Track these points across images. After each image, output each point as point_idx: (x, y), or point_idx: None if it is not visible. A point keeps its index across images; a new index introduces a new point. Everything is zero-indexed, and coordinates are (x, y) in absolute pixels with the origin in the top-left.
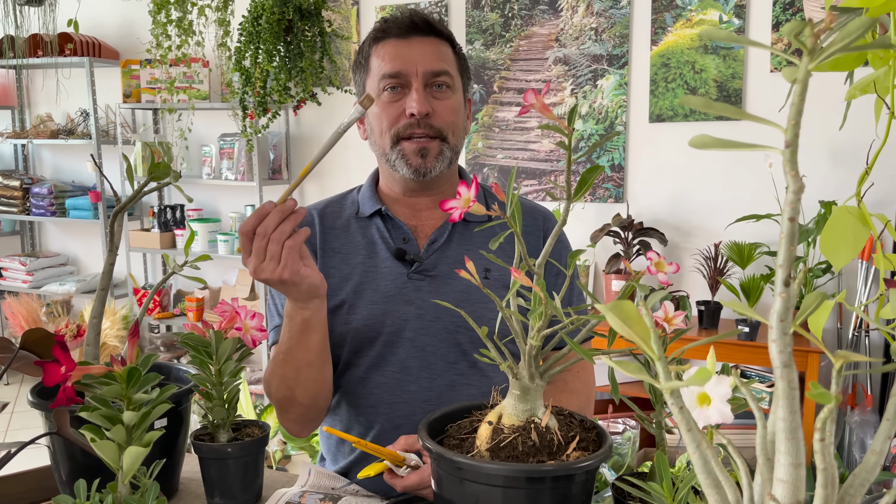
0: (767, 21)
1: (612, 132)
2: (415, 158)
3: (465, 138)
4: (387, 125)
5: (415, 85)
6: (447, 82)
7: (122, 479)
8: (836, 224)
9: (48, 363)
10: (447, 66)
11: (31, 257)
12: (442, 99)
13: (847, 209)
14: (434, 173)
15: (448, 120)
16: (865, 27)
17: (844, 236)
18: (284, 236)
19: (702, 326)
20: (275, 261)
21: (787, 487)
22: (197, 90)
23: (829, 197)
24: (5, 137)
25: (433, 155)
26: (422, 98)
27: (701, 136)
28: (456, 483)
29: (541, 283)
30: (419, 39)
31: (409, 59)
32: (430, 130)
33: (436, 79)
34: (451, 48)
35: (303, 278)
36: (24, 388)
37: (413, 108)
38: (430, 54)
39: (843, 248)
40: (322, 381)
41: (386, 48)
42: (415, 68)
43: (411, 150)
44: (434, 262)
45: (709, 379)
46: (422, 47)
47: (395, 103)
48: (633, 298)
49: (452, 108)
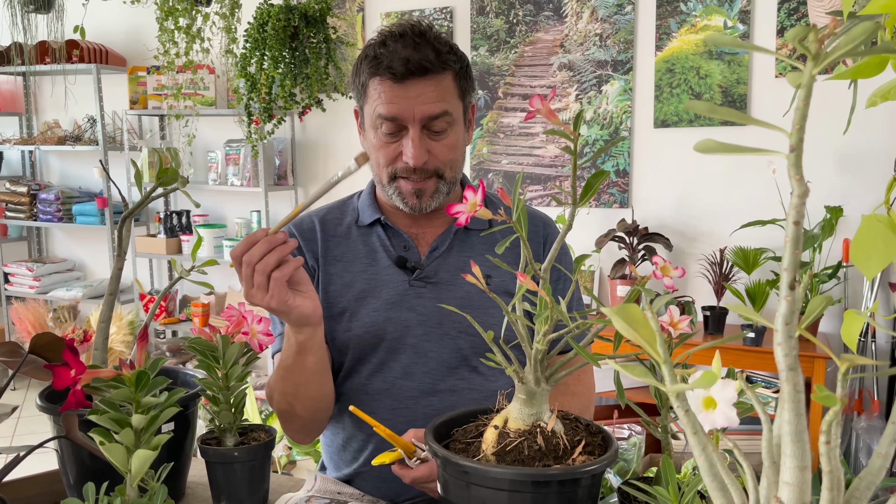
0: (772, 26)
1: (617, 138)
2: (411, 198)
3: (464, 160)
4: (383, 162)
5: (411, 132)
6: (445, 124)
7: (130, 482)
8: (865, 233)
9: (58, 366)
10: (445, 104)
11: (37, 263)
12: (440, 139)
13: (876, 217)
14: (429, 209)
15: (446, 159)
16: (870, 32)
17: (875, 245)
18: (269, 268)
19: (707, 332)
20: (262, 290)
21: (792, 491)
22: (203, 96)
23: (835, 202)
24: (13, 144)
25: (429, 194)
26: (418, 147)
27: (706, 141)
28: (462, 487)
29: (547, 288)
30: (417, 82)
31: (406, 105)
32: (425, 174)
33: (434, 122)
34: (451, 74)
35: (291, 308)
36: (30, 393)
37: (409, 158)
38: (428, 98)
39: (874, 257)
40: (320, 398)
41: (382, 87)
42: (411, 113)
43: (407, 191)
44: (435, 269)
45: (714, 382)
46: (419, 90)
47: (392, 144)
48: (639, 303)
49: (450, 146)
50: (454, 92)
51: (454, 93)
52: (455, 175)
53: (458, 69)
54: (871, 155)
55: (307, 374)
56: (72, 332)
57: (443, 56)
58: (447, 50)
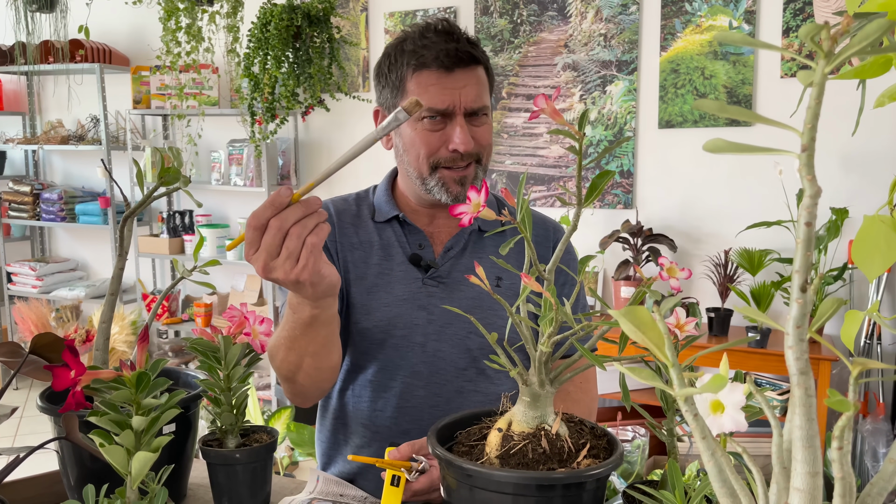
0: (778, 26)
1: (622, 138)
2: (454, 186)
3: None
4: (425, 153)
5: (458, 120)
6: (485, 112)
7: (130, 484)
8: (868, 233)
9: (58, 368)
10: (485, 97)
11: (40, 262)
12: (479, 124)
13: (879, 218)
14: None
15: (486, 143)
16: (884, 30)
17: (877, 246)
18: (307, 231)
19: (712, 333)
20: (292, 259)
21: (803, 497)
22: (206, 96)
23: (840, 204)
24: (16, 143)
25: (470, 180)
26: (466, 135)
27: (715, 140)
28: (465, 490)
29: (551, 290)
30: (462, 72)
31: (454, 95)
32: (470, 159)
33: (475, 113)
34: (482, 67)
35: (322, 278)
36: (32, 392)
37: (459, 145)
38: (473, 89)
39: (876, 258)
40: (327, 369)
41: (429, 79)
42: (458, 103)
43: (451, 179)
44: (448, 269)
45: (724, 386)
46: (465, 80)
47: (436, 133)
48: (644, 303)
49: (488, 131)
50: (487, 85)
51: (487, 85)
52: (488, 160)
53: (486, 63)
54: (877, 156)
55: (316, 346)
56: (74, 332)
57: (477, 49)
58: (477, 44)
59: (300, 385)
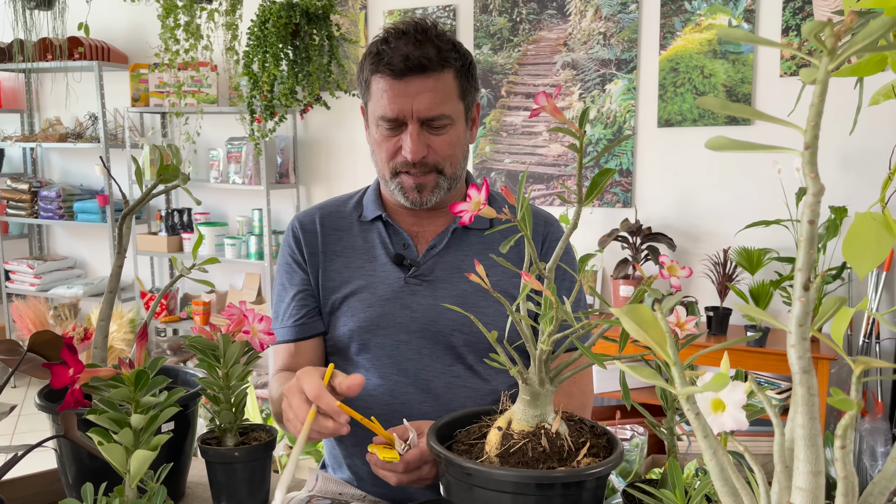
0: (777, 25)
1: (622, 136)
2: (412, 193)
3: (467, 158)
4: (384, 158)
5: (410, 128)
6: (444, 122)
7: (129, 482)
8: (859, 231)
9: (56, 365)
10: (444, 105)
11: (38, 260)
12: (439, 134)
13: (870, 215)
14: (430, 204)
15: (445, 154)
16: (887, 27)
17: (868, 243)
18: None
19: (710, 332)
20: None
21: (805, 496)
22: (205, 94)
23: (839, 202)
24: (14, 141)
25: (429, 189)
26: (416, 142)
27: (718, 138)
28: (465, 489)
29: (552, 288)
30: (415, 80)
31: (405, 103)
32: (424, 168)
33: (432, 120)
34: (452, 72)
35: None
36: (31, 390)
37: (407, 153)
38: (426, 97)
39: (866, 256)
40: None
41: (382, 85)
42: (410, 111)
43: (408, 185)
44: (431, 266)
45: (726, 385)
46: (419, 88)
47: (392, 139)
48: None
49: (450, 143)
50: (454, 91)
51: (454, 92)
52: (455, 171)
53: (459, 67)
54: (876, 154)
55: None
56: (72, 330)
57: (444, 53)
58: (449, 48)
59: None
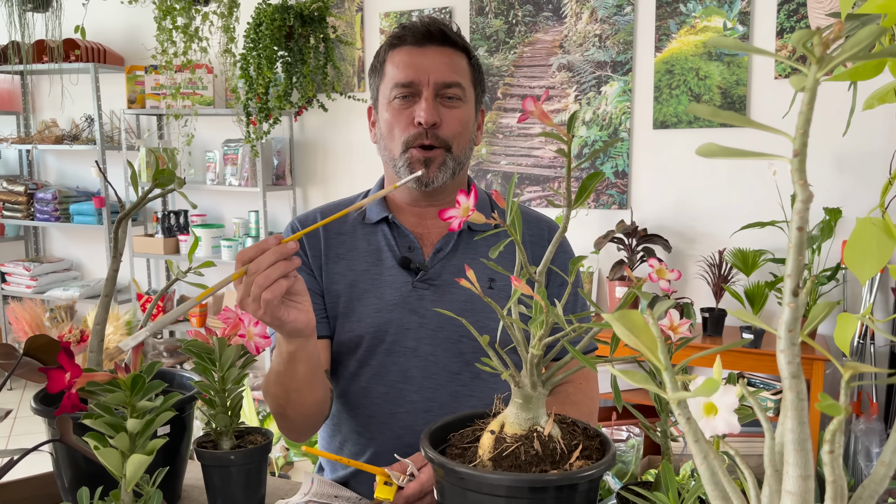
0: (772, 28)
1: (614, 139)
2: (418, 166)
3: (472, 149)
4: (398, 132)
5: (425, 94)
6: (458, 94)
7: (125, 486)
8: (860, 236)
9: (52, 370)
10: (459, 77)
11: (34, 262)
12: (451, 109)
13: (871, 220)
14: (436, 184)
15: (455, 130)
16: (875, 35)
17: (869, 248)
18: (269, 282)
19: (706, 333)
20: (256, 302)
21: (795, 500)
22: (201, 96)
23: (833, 204)
24: (10, 143)
25: (436, 165)
26: (430, 107)
27: (708, 145)
28: (458, 493)
29: (542, 292)
30: (434, 49)
31: (422, 68)
32: (435, 140)
33: (447, 90)
34: (466, 59)
35: (283, 323)
36: (27, 393)
37: (421, 116)
38: (443, 64)
39: (868, 261)
40: (312, 404)
41: (401, 55)
42: (426, 77)
43: (416, 159)
44: (439, 271)
45: (717, 390)
46: (435, 56)
47: (406, 111)
48: (636, 304)
49: (461, 120)
50: (468, 73)
51: (467, 74)
52: (462, 154)
53: (470, 59)
54: (870, 156)
55: (298, 381)
56: (68, 333)
57: (460, 40)
58: (464, 43)
59: (290, 420)
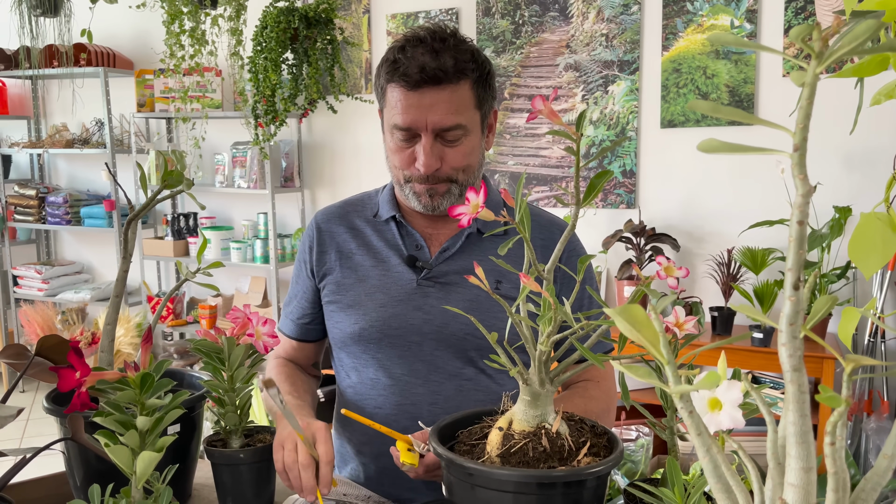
0: (779, 25)
1: (621, 138)
2: (424, 197)
3: (482, 165)
4: (398, 166)
5: (423, 140)
6: (458, 135)
7: (135, 484)
8: (864, 231)
9: (63, 369)
10: (459, 116)
11: (46, 266)
12: (453, 146)
13: (876, 215)
14: (443, 209)
15: (458, 165)
16: (873, 30)
17: (874, 243)
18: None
19: (715, 332)
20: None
21: (798, 492)
22: (210, 99)
23: (843, 202)
24: (21, 147)
25: (440, 194)
26: (429, 155)
27: (709, 141)
28: (467, 489)
29: (550, 289)
30: (430, 91)
31: (419, 114)
32: (437, 179)
33: (447, 133)
34: (468, 83)
35: None
36: (38, 395)
37: (420, 165)
38: (441, 108)
39: (872, 256)
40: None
41: (397, 95)
42: (423, 123)
43: (422, 191)
44: (444, 269)
45: (718, 383)
46: (433, 99)
47: (406, 150)
48: (646, 304)
49: (464, 154)
50: (470, 102)
51: (470, 103)
52: (469, 178)
53: (476, 77)
54: (880, 154)
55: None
56: (80, 335)
57: (461, 64)
58: (467, 58)
59: None
